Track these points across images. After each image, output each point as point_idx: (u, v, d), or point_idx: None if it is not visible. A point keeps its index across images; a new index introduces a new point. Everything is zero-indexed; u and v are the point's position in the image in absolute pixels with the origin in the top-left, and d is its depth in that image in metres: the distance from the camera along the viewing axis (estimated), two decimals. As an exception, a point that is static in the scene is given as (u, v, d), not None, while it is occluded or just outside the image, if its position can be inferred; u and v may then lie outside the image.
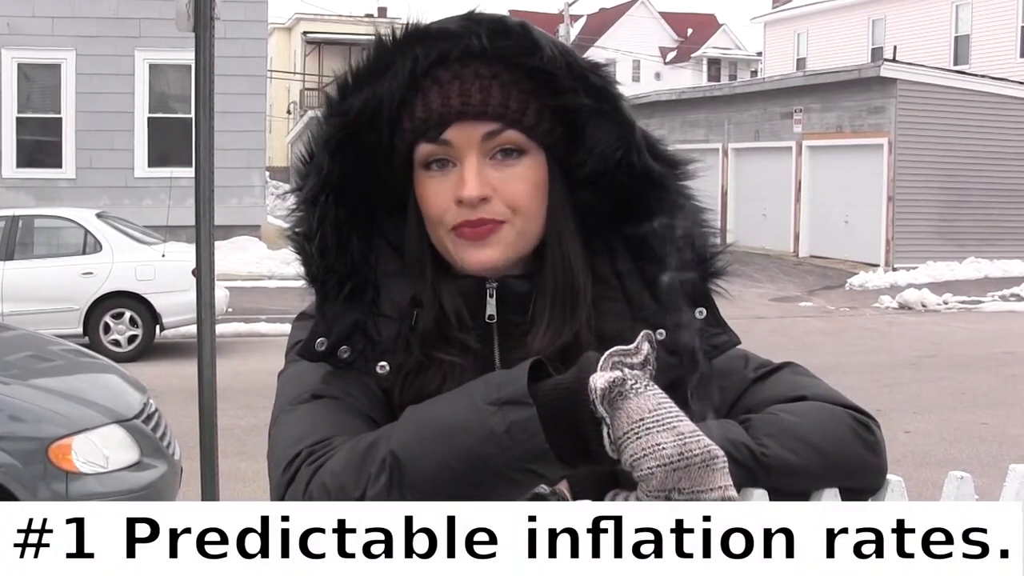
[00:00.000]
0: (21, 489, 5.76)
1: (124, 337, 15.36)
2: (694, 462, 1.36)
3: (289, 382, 1.76)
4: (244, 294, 19.39)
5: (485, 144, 1.69)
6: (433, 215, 1.71)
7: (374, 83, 1.71)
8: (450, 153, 1.70)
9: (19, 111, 24.19)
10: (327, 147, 1.72)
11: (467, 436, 1.43)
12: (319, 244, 1.71)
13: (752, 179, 33.16)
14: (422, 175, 1.72)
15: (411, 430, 1.49)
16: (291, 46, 65.95)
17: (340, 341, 1.70)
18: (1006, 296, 24.15)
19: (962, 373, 14.63)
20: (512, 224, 1.71)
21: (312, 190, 1.73)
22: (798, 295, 24.58)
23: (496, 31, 1.68)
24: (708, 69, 77.16)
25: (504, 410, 1.42)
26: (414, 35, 1.70)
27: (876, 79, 28.09)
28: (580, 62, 1.72)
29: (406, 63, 1.68)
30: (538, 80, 1.70)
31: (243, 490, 7.99)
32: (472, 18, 1.68)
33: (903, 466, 8.94)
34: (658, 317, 1.73)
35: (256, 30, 25.24)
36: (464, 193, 1.67)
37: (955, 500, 1.70)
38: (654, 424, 1.37)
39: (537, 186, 1.73)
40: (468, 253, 1.70)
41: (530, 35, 1.69)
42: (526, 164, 1.72)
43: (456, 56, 1.68)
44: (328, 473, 1.51)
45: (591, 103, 1.71)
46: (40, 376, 6.79)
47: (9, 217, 15.76)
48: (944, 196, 28.04)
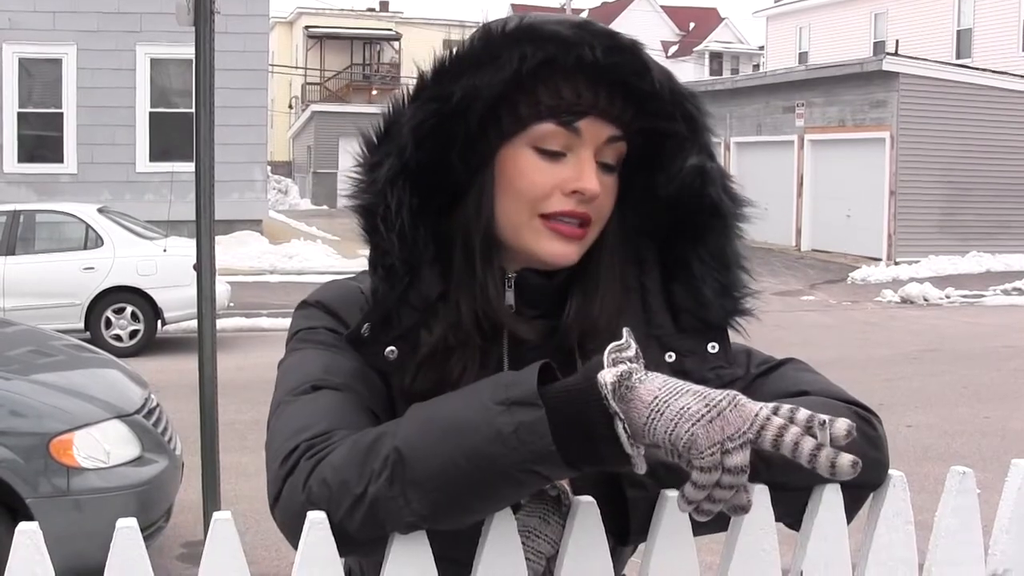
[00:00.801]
0: (22, 484, 5.76)
1: (125, 332, 15.36)
2: (723, 406, 1.34)
3: (289, 372, 1.73)
4: (246, 289, 19.40)
5: (604, 147, 1.70)
6: (530, 195, 1.69)
7: (475, 72, 1.66)
8: (570, 143, 1.68)
9: (20, 106, 24.16)
10: (416, 131, 1.67)
11: (474, 435, 1.41)
12: (399, 232, 1.68)
13: (754, 173, 33.11)
14: (527, 152, 1.69)
15: (417, 427, 1.47)
16: (293, 40, 65.96)
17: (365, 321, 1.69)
18: (1008, 290, 24.14)
19: (964, 367, 14.63)
20: (594, 229, 1.72)
21: (392, 170, 1.68)
22: (800, 289, 24.57)
23: (610, 47, 1.65)
24: (710, 63, 77.09)
25: (512, 410, 1.40)
26: (526, 32, 1.66)
27: (878, 73, 28.08)
28: (682, 89, 1.73)
29: (513, 58, 1.64)
30: (639, 101, 1.70)
31: (244, 485, 7.98)
32: (586, 28, 1.66)
33: (905, 460, 8.94)
34: (672, 340, 1.74)
35: (257, 24, 25.23)
36: (588, 186, 1.66)
37: (957, 495, 1.70)
38: (669, 395, 1.36)
39: (614, 202, 1.75)
40: (553, 246, 1.69)
41: (640, 56, 1.68)
42: (615, 179, 1.74)
43: (569, 64, 1.65)
44: (329, 468, 1.49)
45: (685, 131, 1.73)
46: (41, 371, 6.79)
47: (10, 212, 15.77)
48: (946, 190, 28.03)
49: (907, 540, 1.67)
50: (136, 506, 5.98)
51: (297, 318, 1.83)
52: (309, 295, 1.85)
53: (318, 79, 60.91)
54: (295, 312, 1.84)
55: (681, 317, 1.77)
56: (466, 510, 1.46)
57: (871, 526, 1.66)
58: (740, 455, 1.33)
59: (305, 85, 61.20)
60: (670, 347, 1.71)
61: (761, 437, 1.33)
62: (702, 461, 1.33)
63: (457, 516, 1.46)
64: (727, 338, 1.78)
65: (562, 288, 1.77)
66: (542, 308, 1.76)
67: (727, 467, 1.33)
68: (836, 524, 1.62)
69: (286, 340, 1.82)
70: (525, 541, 1.55)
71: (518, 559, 1.51)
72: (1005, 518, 1.74)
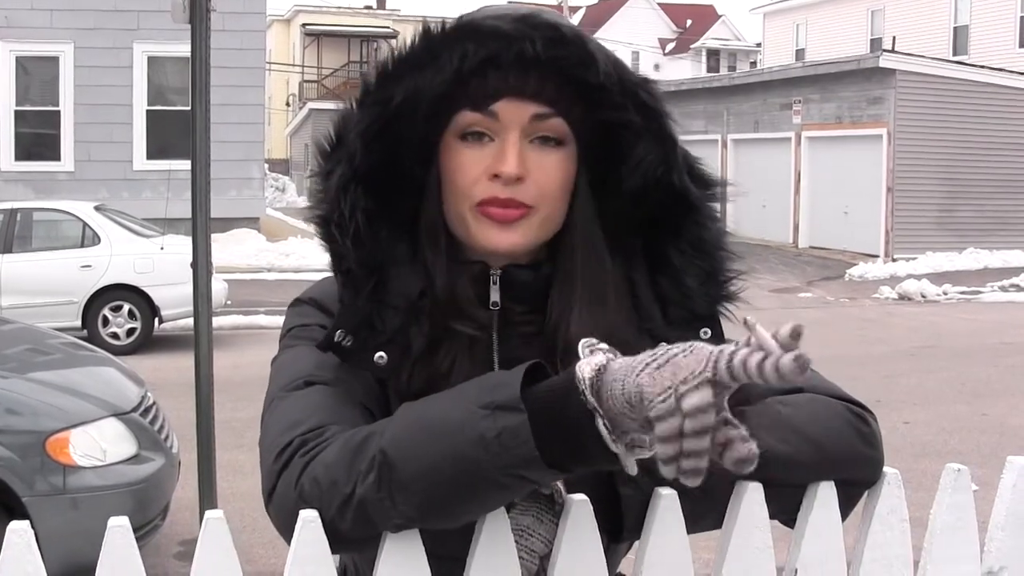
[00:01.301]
0: (18, 483, 5.75)
1: (123, 330, 15.36)
2: (672, 353, 1.31)
3: (283, 368, 1.74)
4: (243, 286, 19.39)
5: (531, 125, 1.68)
6: (461, 186, 1.69)
7: (416, 74, 1.66)
8: (492, 127, 1.68)
9: (17, 104, 24.14)
10: (364, 135, 1.68)
11: (457, 438, 1.40)
12: (353, 235, 1.68)
13: (751, 170, 33.12)
14: (455, 143, 1.70)
15: (403, 428, 1.47)
16: (290, 38, 65.94)
17: (350, 331, 1.67)
18: (1005, 287, 24.15)
19: (962, 364, 14.63)
20: (538, 211, 1.69)
21: (343, 178, 1.69)
22: (797, 286, 24.58)
23: (552, 39, 1.64)
24: (707, 60, 77.08)
25: (496, 415, 1.39)
26: (465, 30, 1.65)
27: (875, 70, 28.08)
28: (632, 77, 1.70)
29: (453, 57, 1.64)
30: (586, 92, 1.68)
31: (241, 483, 7.98)
32: (527, 21, 1.64)
33: (902, 457, 8.94)
34: (664, 331, 1.71)
35: (255, 22, 25.21)
36: (504, 168, 1.65)
37: (952, 492, 1.69)
38: (627, 365, 1.33)
39: (568, 179, 1.72)
40: (491, 234, 1.68)
41: (586, 47, 1.65)
42: (562, 155, 1.71)
43: (508, 60, 1.64)
44: (320, 466, 1.49)
45: (640, 120, 1.70)
46: (38, 369, 6.79)
47: (7, 210, 15.74)
48: (943, 187, 28.04)
49: (902, 537, 1.66)
50: (133, 504, 5.98)
51: (290, 315, 1.83)
52: (302, 293, 1.85)
53: (315, 77, 60.88)
54: (288, 309, 1.85)
55: (669, 309, 1.76)
56: (453, 513, 1.45)
57: (866, 523, 1.66)
58: (697, 395, 1.27)
59: (302, 83, 61.21)
60: (662, 339, 1.70)
61: (717, 371, 1.28)
62: (654, 410, 1.29)
63: (445, 518, 1.46)
64: (719, 325, 1.77)
65: (549, 281, 1.76)
66: (531, 303, 1.75)
67: (685, 410, 1.27)
68: (831, 521, 1.62)
69: (279, 337, 1.82)
70: (518, 539, 1.55)
71: (511, 557, 1.51)
72: (1001, 515, 1.74)
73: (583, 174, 1.74)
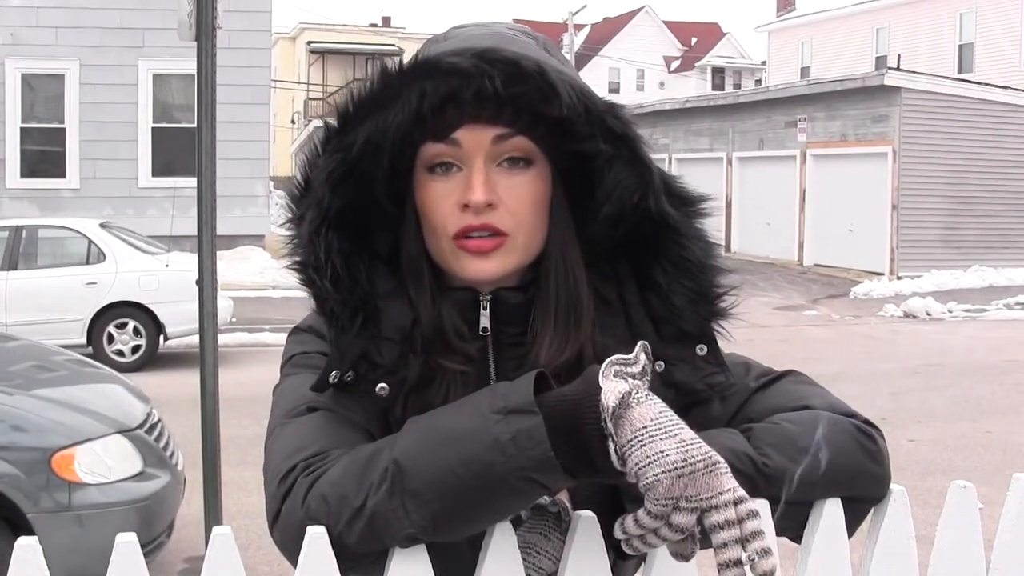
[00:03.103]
0: (23, 499, 5.75)
1: (128, 347, 15.36)
2: (698, 468, 1.34)
3: (284, 396, 1.74)
4: (248, 304, 19.40)
5: (494, 148, 1.67)
6: (435, 220, 1.69)
7: (378, 115, 1.65)
8: (457, 155, 1.67)
9: (23, 121, 24.16)
10: (328, 180, 1.68)
11: (472, 443, 1.42)
12: (331, 277, 1.68)
13: (756, 188, 33.15)
14: (425, 177, 1.70)
15: (414, 438, 1.47)
16: (295, 56, 66.02)
17: (347, 369, 1.68)
18: (1011, 304, 24.11)
19: (967, 381, 14.61)
20: (515, 237, 1.69)
21: (313, 223, 1.69)
22: (802, 304, 24.55)
23: (512, 76, 1.62)
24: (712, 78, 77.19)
25: (509, 419, 1.41)
26: (423, 69, 1.64)
27: (880, 87, 28.09)
28: (598, 104, 1.67)
29: (412, 97, 1.63)
30: (553, 124, 1.66)
31: (246, 500, 7.97)
32: (486, 57, 1.62)
33: (907, 475, 8.93)
34: (658, 349, 1.69)
35: (260, 40, 25.26)
36: (472, 197, 1.65)
37: (958, 509, 1.69)
38: (656, 432, 1.36)
39: (542, 198, 1.71)
40: (470, 264, 1.68)
41: (547, 79, 1.63)
42: (532, 174, 1.70)
43: (467, 98, 1.62)
44: (327, 483, 1.50)
45: (609, 149, 1.68)
46: (43, 386, 6.78)
47: (13, 227, 15.77)
48: (948, 204, 28.03)
49: (908, 555, 1.66)
50: (138, 521, 5.98)
51: (290, 344, 1.84)
52: (301, 321, 1.86)
53: (320, 94, 60.96)
54: (288, 338, 1.86)
55: (661, 327, 1.75)
56: (465, 520, 1.45)
57: (872, 541, 1.66)
58: (687, 517, 1.36)
59: (307, 100, 61.26)
60: (657, 356, 1.69)
61: (707, 516, 1.36)
62: (652, 505, 1.36)
63: (457, 527, 1.46)
64: (714, 340, 1.76)
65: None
66: (522, 325, 1.75)
67: (671, 522, 1.36)
68: (837, 539, 1.62)
69: (280, 365, 1.83)
70: (526, 558, 1.55)
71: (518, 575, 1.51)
72: (1007, 532, 1.74)
73: (559, 193, 1.74)
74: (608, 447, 1.37)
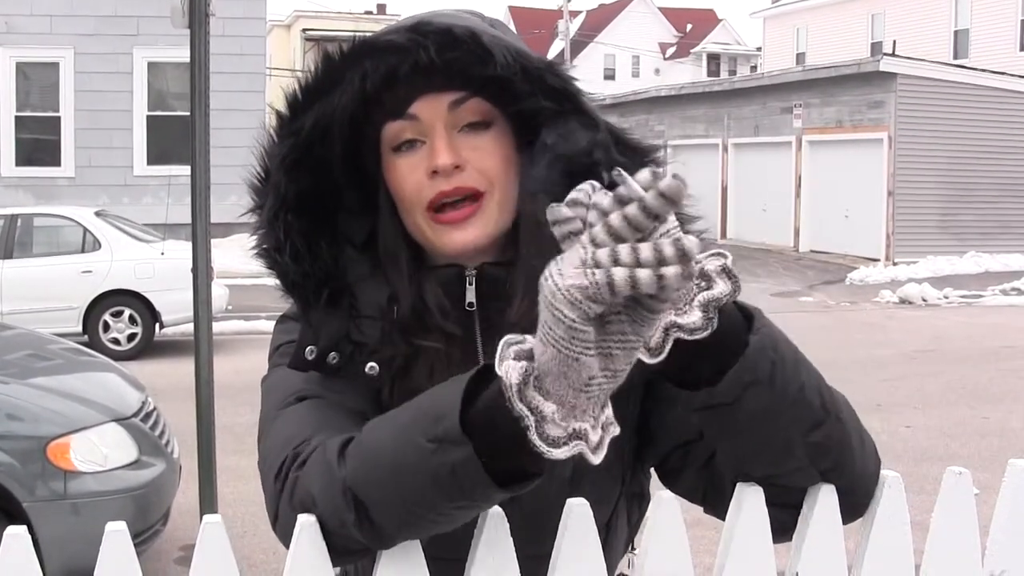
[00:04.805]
0: (19, 488, 5.75)
1: (123, 335, 15.36)
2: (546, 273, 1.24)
3: (274, 388, 1.75)
4: (244, 292, 19.37)
5: (452, 116, 1.69)
6: (408, 194, 1.71)
7: (324, 99, 1.69)
8: (418, 129, 1.70)
9: (17, 110, 24.16)
10: (282, 165, 1.71)
11: (414, 481, 1.38)
12: (291, 253, 1.71)
13: (752, 174, 33.15)
14: (391, 158, 1.72)
15: (365, 469, 1.44)
16: (290, 43, 65.94)
17: (328, 348, 1.68)
18: (1007, 290, 24.13)
19: (963, 367, 14.62)
20: (491, 195, 1.70)
21: (272, 209, 1.72)
22: (798, 290, 24.56)
23: (444, 43, 1.65)
24: (707, 64, 77.19)
25: (443, 449, 1.34)
26: (362, 49, 1.68)
27: (876, 73, 28.07)
28: (535, 63, 1.69)
29: (355, 77, 1.67)
30: (493, 88, 1.69)
31: (243, 488, 7.97)
32: (419, 30, 1.66)
33: (903, 461, 8.93)
34: None
35: (255, 27, 25.23)
36: (438, 161, 1.67)
37: (954, 495, 1.69)
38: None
39: (508, 156, 1.73)
40: (449, 236, 1.70)
41: (480, 43, 1.66)
42: (493, 134, 1.72)
43: (405, 72, 1.66)
44: (310, 498, 1.49)
45: (551, 105, 1.69)
46: (39, 375, 6.78)
47: (8, 216, 15.75)
48: (944, 190, 28.03)
49: (904, 541, 1.66)
50: (133, 510, 5.98)
51: (277, 333, 1.85)
52: (288, 309, 1.87)
53: (316, 82, 60.93)
54: (275, 327, 1.88)
55: None
56: (435, 532, 1.46)
57: (867, 527, 1.66)
58: (601, 252, 1.19)
59: (303, 88, 61.23)
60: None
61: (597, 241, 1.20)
62: (598, 289, 1.19)
63: (430, 535, 1.47)
64: None
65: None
66: (509, 298, 1.74)
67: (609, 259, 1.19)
68: (831, 525, 1.61)
69: (268, 355, 1.83)
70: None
71: (510, 558, 1.50)
72: (1003, 518, 1.74)
73: (524, 156, 1.73)
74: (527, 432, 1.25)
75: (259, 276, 9.74)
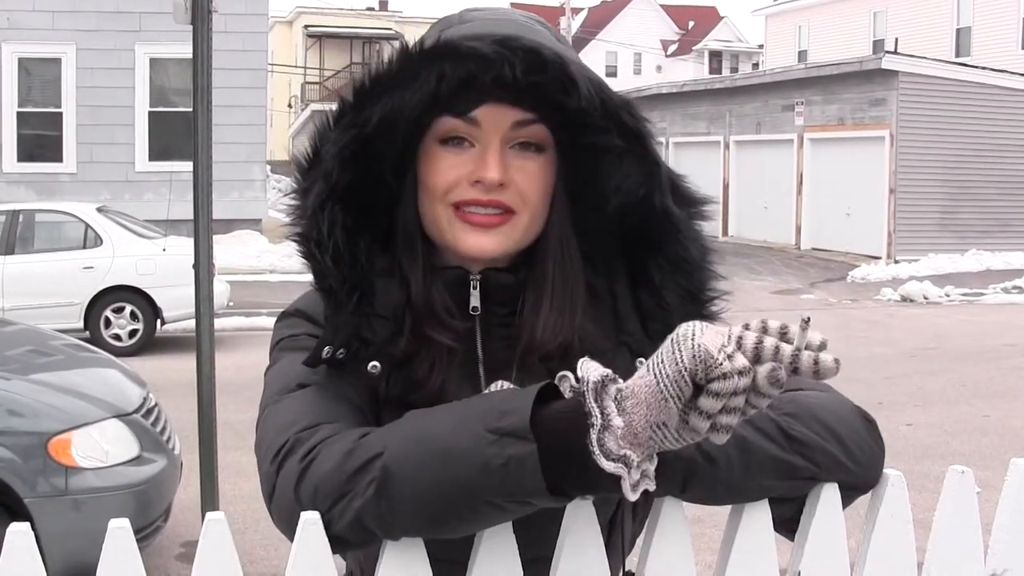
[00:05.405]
0: (20, 484, 5.75)
1: (125, 331, 15.35)
2: (697, 326, 1.34)
3: (275, 377, 1.75)
4: (245, 288, 19.39)
5: (511, 132, 1.68)
6: (439, 187, 1.69)
7: (394, 93, 1.65)
8: (473, 133, 1.68)
9: (19, 105, 24.14)
10: (340, 154, 1.67)
11: (462, 464, 1.38)
12: (332, 254, 1.68)
13: (753, 172, 33.14)
14: (435, 147, 1.70)
15: (408, 445, 1.45)
16: (292, 39, 65.95)
17: (340, 345, 1.67)
18: (1008, 288, 24.13)
19: (964, 365, 14.62)
20: (521, 216, 1.69)
21: (320, 196, 1.69)
22: (800, 288, 24.56)
23: (533, 64, 1.62)
24: (709, 61, 77.11)
25: (503, 442, 1.36)
26: (443, 50, 1.63)
27: (877, 71, 28.06)
28: (614, 99, 1.68)
29: (431, 78, 1.63)
30: (560, 116, 1.67)
31: (243, 484, 7.97)
32: (507, 44, 1.61)
33: (904, 459, 8.93)
34: (642, 346, 1.70)
35: (257, 23, 25.22)
36: (487, 175, 1.65)
37: (956, 494, 1.69)
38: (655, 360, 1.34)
39: (548, 185, 1.72)
40: (467, 236, 1.69)
41: (567, 70, 1.63)
42: (543, 161, 1.71)
43: (488, 82, 1.63)
44: (318, 476, 1.49)
45: (623, 144, 1.69)
46: (40, 371, 6.78)
47: (10, 211, 15.75)
48: (946, 188, 28.03)
49: (906, 539, 1.66)
50: (135, 506, 5.98)
51: (279, 328, 1.85)
52: (288, 305, 1.87)
53: (317, 78, 60.91)
54: (276, 323, 1.87)
55: (649, 323, 1.75)
56: (452, 530, 1.45)
57: (869, 526, 1.66)
58: (739, 358, 1.29)
59: (304, 84, 61.21)
60: (640, 353, 1.67)
61: (742, 347, 1.31)
62: (721, 368, 1.28)
63: (443, 533, 1.46)
64: None
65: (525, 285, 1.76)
66: (511, 307, 1.74)
67: (737, 368, 1.29)
68: (834, 523, 1.61)
69: (270, 350, 1.83)
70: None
71: (513, 560, 1.51)
72: (1005, 517, 1.74)
73: (561, 182, 1.74)
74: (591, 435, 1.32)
75: (260, 272, 9.79)
